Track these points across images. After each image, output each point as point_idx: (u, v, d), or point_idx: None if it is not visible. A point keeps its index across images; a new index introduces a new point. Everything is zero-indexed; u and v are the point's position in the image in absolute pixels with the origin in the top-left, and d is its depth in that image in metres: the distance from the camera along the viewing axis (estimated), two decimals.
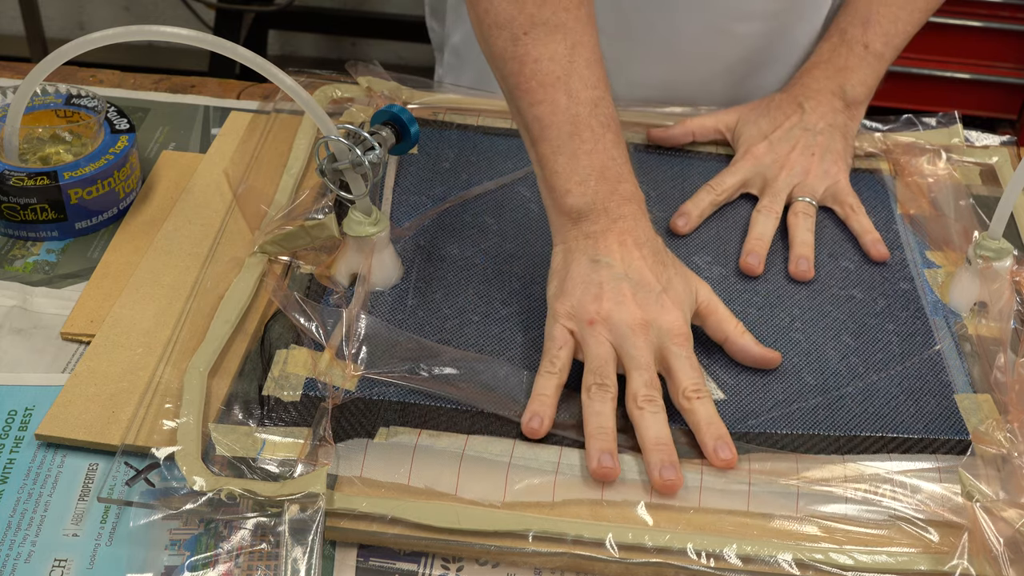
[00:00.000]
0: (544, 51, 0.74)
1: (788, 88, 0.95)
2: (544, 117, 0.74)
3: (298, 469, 0.65)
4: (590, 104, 0.75)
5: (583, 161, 0.74)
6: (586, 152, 0.74)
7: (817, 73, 0.94)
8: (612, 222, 0.74)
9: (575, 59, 0.75)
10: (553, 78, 0.74)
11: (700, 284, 0.76)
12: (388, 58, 2.66)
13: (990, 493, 0.64)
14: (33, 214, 0.84)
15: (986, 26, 2.16)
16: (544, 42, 0.74)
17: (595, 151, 0.74)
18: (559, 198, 0.75)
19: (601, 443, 0.67)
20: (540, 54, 0.74)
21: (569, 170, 0.74)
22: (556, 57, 0.74)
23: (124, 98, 1.01)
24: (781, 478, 0.67)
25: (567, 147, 0.74)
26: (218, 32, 2.36)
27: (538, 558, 0.63)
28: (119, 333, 0.75)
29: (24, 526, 0.65)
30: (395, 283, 0.80)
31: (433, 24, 1.16)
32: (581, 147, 0.74)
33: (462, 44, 1.07)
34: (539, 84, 0.74)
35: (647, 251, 0.74)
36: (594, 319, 0.71)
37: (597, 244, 0.74)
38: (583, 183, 0.74)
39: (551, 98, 0.74)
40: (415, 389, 0.71)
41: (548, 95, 0.74)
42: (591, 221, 0.74)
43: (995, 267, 0.79)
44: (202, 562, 0.62)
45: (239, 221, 0.85)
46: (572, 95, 0.74)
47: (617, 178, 0.75)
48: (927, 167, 0.95)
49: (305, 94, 0.73)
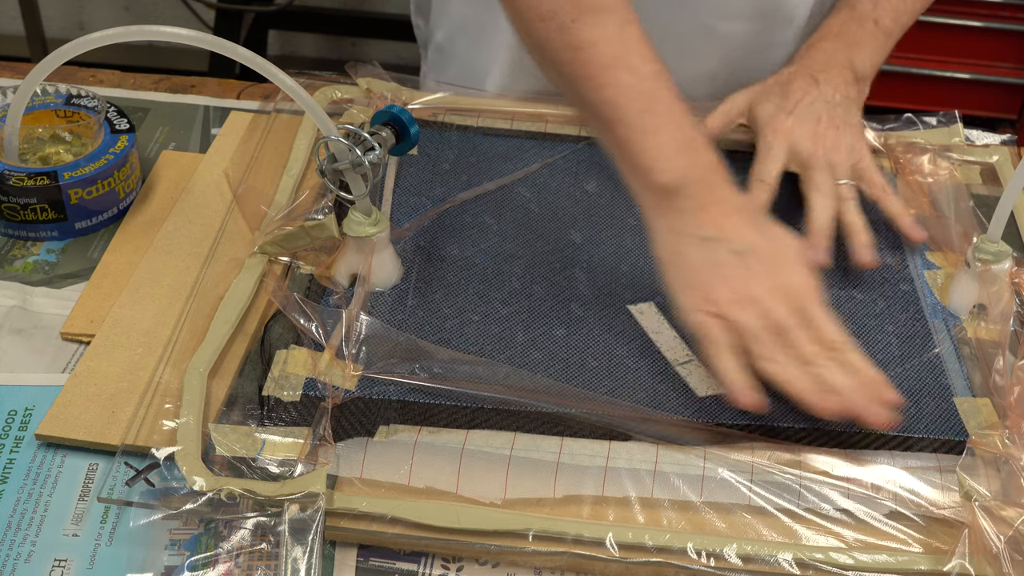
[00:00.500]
0: (597, 34, 0.74)
1: (797, 61, 0.93)
2: (613, 99, 0.73)
3: (298, 469, 0.65)
4: (653, 77, 0.74)
5: (663, 135, 0.73)
6: (664, 125, 0.73)
7: (827, 46, 0.93)
8: (708, 192, 0.73)
9: (627, 37, 0.74)
10: (612, 59, 0.73)
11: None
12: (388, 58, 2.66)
13: (988, 494, 0.64)
14: (33, 214, 0.84)
15: (986, 26, 2.16)
16: (594, 25, 0.74)
17: (671, 123, 0.73)
18: (647, 176, 0.73)
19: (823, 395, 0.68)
20: (594, 38, 0.74)
21: (651, 147, 0.73)
22: (609, 38, 0.74)
23: (124, 98, 1.01)
24: (782, 470, 0.67)
25: (643, 124, 0.73)
26: (218, 32, 2.36)
27: (538, 558, 0.63)
28: (119, 333, 0.75)
29: (24, 526, 0.65)
30: (395, 283, 0.80)
31: (418, 21, 1.15)
32: (657, 121, 0.73)
33: (446, 41, 1.06)
34: (600, 67, 0.74)
35: (750, 217, 0.73)
36: (733, 299, 0.71)
37: (700, 220, 0.72)
38: (668, 158, 0.73)
39: (615, 79, 0.73)
40: (415, 387, 0.72)
41: (612, 77, 0.73)
42: (686, 196, 0.73)
43: (994, 270, 0.79)
44: (202, 562, 0.62)
45: (239, 221, 0.85)
46: (635, 72, 0.73)
47: (699, 147, 0.74)
48: (927, 166, 0.95)
49: (305, 94, 0.73)
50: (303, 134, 0.94)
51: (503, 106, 0.99)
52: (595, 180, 0.92)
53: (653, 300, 0.81)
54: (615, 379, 0.74)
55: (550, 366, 0.75)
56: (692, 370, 0.75)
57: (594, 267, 0.84)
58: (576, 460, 0.67)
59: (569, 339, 0.77)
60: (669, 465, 0.67)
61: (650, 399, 0.73)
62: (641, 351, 0.77)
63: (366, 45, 2.74)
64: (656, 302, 0.81)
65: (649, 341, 0.78)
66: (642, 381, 0.74)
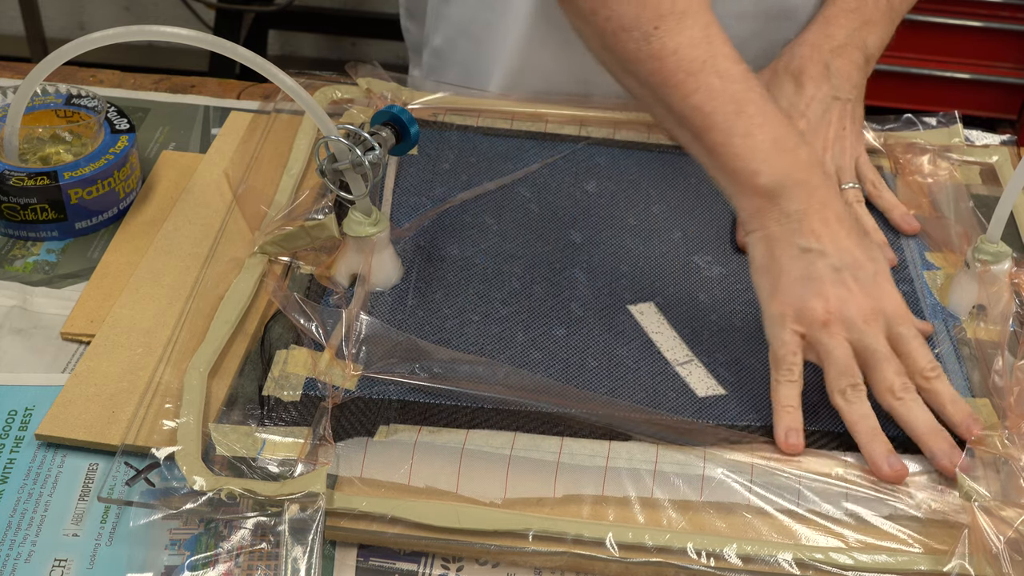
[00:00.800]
0: (681, 39, 0.73)
1: (811, 38, 0.92)
2: (703, 105, 0.72)
3: (298, 469, 0.65)
4: (742, 78, 0.73)
5: (758, 137, 0.72)
6: (758, 127, 0.72)
7: (844, 22, 0.92)
8: (810, 196, 0.71)
9: (712, 39, 0.73)
10: (699, 64, 0.73)
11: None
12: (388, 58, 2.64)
13: (988, 494, 0.64)
14: (33, 214, 0.84)
15: (986, 26, 2.16)
16: (677, 31, 0.73)
17: (766, 124, 0.72)
18: (747, 180, 0.72)
19: (881, 446, 0.67)
20: (677, 43, 0.73)
21: (749, 150, 0.72)
22: (695, 42, 0.73)
23: (124, 98, 1.01)
24: (782, 471, 0.67)
25: (738, 127, 0.72)
26: (218, 32, 2.36)
27: (538, 558, 0.63)
28: (119, 333, 0.75)
29: (24, 526, 0.65)
30: (395, 283, 0.80)
31: (408, 25, 1.15)
32: (751, 123, 0.72)
33: (445, 45, 1.06)
34: (687, 74, 0.73)
35: (849, 226, 0.72)
36: (826, 319, 0.70)
37: (801, 227, 0.71)
38: (767, 160, 0.72)
39: (704, 84, 0.72)
40: (415, 387, 0.72)
41: (700, 82, 0.72)
42: (788, 198, 0.71)
43: (993, 270, 0.79)
44: (202, 562, 0.62)
45: (239, 221, 0.85)
46: (723, 75, 0.73)
47: (795, 145, 0.73)
48: (927, 167, 0.95)
49: (305, 94, 0.73)
50: (303, 134, 0.94)
51: (503, 106, 0.99)
52: (595, 180, 0.92)
53: (653, 300, 0.81)
54: (615, 379, 0.74)
55: (550, 366, 0.75)
56: (692, 370, 0.76)
57: (594, 267, 0.84)
58: (576, 460, 0.67)
59: (569, 339, 0.77)
60: (669, 465, 0.67)
61: (650, 399, 0.73)
62: (641, 351, 0.77)
63: (366, 45, 2.74)
64: (656, 302, 0.81)
65: (649, 341, 0.78)
66: (642, 381, 0.74)
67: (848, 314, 0.70)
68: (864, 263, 0.71)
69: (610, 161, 0.94)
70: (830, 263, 0.71)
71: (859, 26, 0.92)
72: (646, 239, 0.87)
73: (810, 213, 0.71)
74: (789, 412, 0.70)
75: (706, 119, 0.73)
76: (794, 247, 0.71)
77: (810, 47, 0.91)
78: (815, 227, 0.71)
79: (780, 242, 0.72)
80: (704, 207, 0.91)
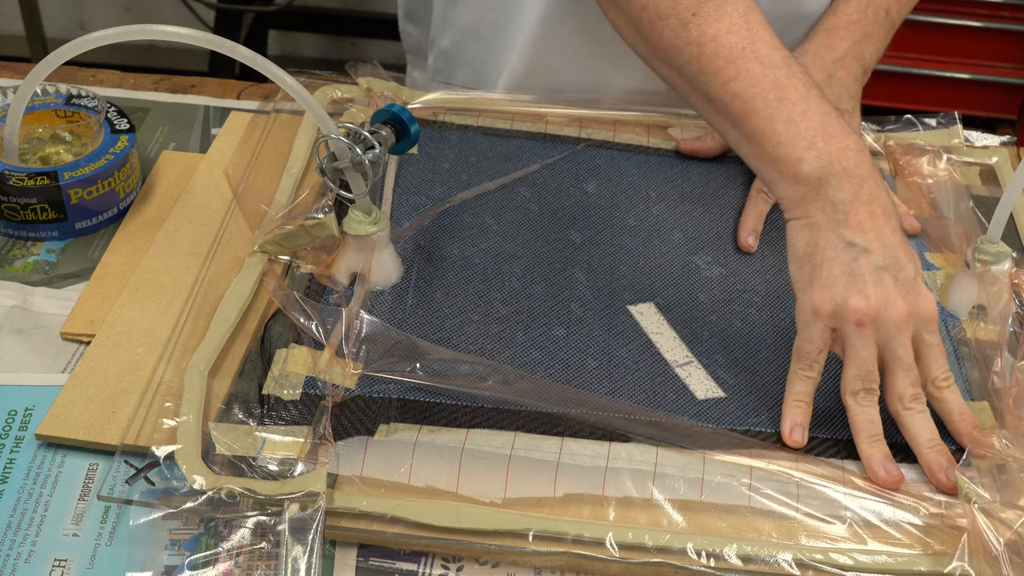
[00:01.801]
0: (720, 26, 0.72)
1: (813, 48, 0.92)
2: (744, 91, 0.71)
3: (298, 468, 0.65)
4: (784, 64, 0.72)
5: (802, 124, 0.71)
6: (801, 113, 0.71)
7: (845, 34, 0.91)
8: (857, 186, 0.70)
9: (752, 24, 0.72)
10: (739, 50, 0.72)
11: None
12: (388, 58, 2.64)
13: (987, 496, 0.64)
14: (33, 214, 0.84)
15: (986, 26, 2.16)
16: (716, 17, 0.72)
17: (809, 110, 0.71)
18: (791, 168, 0.71)
19: (879, 451, 0.68)
20: (716, 30, 0.72)
21: (792, 137, 0.70)
22: (734, 28, 0.72)
23: (124, 98, 1.01)
24: (782, 472, 0.67)
25: (780, 114, 0.71)
26: (218, 32, 2.36)
27: (538, 558, 0.63)
28: (119, 333, 0.75)
29: (24, 526, 0.65)
30: (395, 282, 0.80)
31: (408, 28, 1.14)
32: (794, 110, 0.71)
33: (453, 47, 1.05)
34: (726, 60, 0.72)
35: (895, 222, 0.71)
36: (862, 320, 0.69)
37: (848, 219, 0.69)
38: (811, 147, 0.70)
39: (745, 70, 0.71)
40: (415, 386, 0.72)
41: (740, 68, 0.72)
42: (834, 186, 0.70)
43: (993, 271, 0.79)
44: (202, 561, 0.62)
45: (239, 221, 0.85)
46: (764, 61, 0.72)
47: (840, 132, 0.71)
48: (927, 168, 0.95)
49: (305, 93, 0.73)
50: (303, 133, 0.94)
51: (503, 106, 0.99)
52: (595, 181, 0.92)
53: (653, 301, 0.81)
54: (615, 380, 0.74)
55: (550, 366, 0.75)
56: (692, 372, 0.76)
57: (594, 267, 0.84)
58: (576, 460, 0.67)
59: (569, 339, 0.77)
60: (669, 467, 0.67)
61: (650, 400, 0.73)
62: (641, 352, 0.77)
63: (366, 45, 2.74)
64: (656, 303, 0.81)
65: (649, 342, 0.78)
66: (642, 382, 0.74)
67: (884, 318, 0.69)
68: (905, 264, 0.70)
69: (610, 162, 0.94)
70: (873, 261, 0.69)
71: (859, 38, 0.92)
72: (646, 239, 0.87)
73: (857, 205, 0.70)
74: (799, 407, 0.70)
75: (746, 106, 0.72)
76: (839, 239, 0.70)
77: (812, 57, 0.92)
78: (862, 220, 0.70)
79: (824, 232, 0.70)
80: (704, 208, 0.91)
